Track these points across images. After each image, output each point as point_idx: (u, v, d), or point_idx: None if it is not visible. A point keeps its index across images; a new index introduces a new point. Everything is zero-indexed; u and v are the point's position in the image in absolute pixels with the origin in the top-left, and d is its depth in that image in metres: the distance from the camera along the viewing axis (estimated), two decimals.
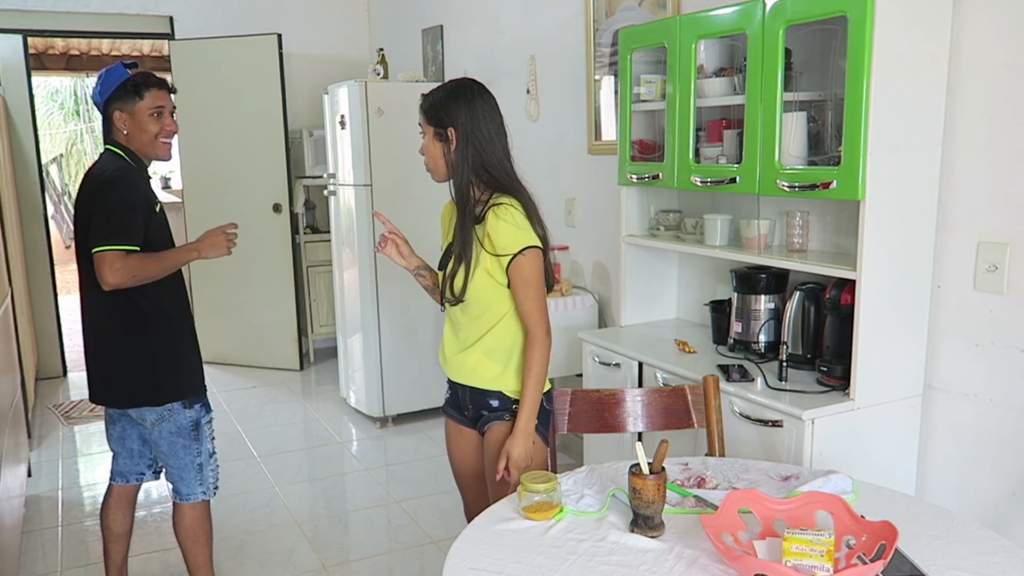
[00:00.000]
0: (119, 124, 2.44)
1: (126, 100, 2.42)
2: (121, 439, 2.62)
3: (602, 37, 3.60)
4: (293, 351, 5.69)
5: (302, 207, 5.80)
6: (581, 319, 3.71)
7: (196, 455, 2.53)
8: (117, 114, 2.43)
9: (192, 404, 2.51)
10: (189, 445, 2.52)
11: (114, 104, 2.43)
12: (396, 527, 3.41)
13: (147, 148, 2.46)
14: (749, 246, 2.59)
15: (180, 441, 2.51)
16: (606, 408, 2.21)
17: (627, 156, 3.00)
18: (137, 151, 2.46)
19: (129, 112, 2.42)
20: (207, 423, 2.57)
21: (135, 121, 2.43)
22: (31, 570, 3.13)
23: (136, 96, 2.42)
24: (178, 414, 2.48)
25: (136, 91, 2.42)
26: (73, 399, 5.26)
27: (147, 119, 2.44)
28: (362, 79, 4.40)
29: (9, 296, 3.85)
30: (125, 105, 2.42)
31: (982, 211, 2.19)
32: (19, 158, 5.49)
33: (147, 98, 2.43)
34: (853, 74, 2.09)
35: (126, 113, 2.43)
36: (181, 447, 2.51)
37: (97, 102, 2.47)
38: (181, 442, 2.51)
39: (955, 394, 2.31)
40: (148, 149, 2.47)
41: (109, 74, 2.44)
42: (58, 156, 11.93)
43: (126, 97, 2.42)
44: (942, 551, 1.52)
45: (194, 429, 2.52)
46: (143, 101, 2.43)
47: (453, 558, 1.55)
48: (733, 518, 1.56)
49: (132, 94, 2.42)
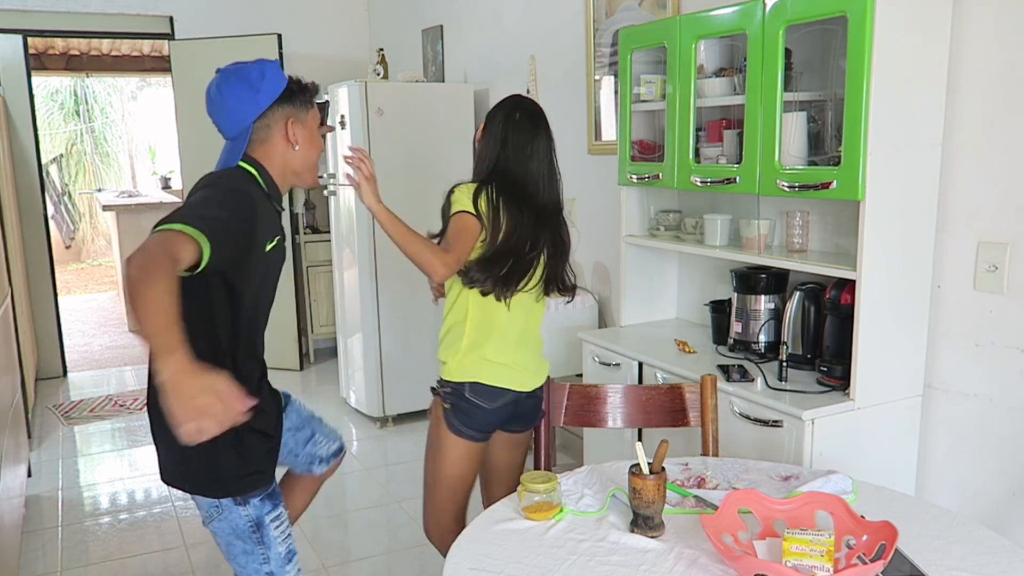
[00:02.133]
0: (291, 136, 1.89)
1: (298, 106, 1.91)
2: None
3: (602, 37, 3.60)
4: (293, 351, 5.69)
5: (302, 207, 5.80)
6: (581, 319, 3.71)
7: (262, 561, 1.93)
8: (290, 123, 1.89)
9: (247, 500, 1.89)
10: (252, 550, 1.93)
11: (283, 110, 1.88)
12: (396, 527, 3.41)
13: (307, 172, 1.96)
14: (749, 246, 2.59)
15: (239, 544, 1.92)
16: (602, 403, 2.20)
17: (627, 156, 3.00)
18: (287, 174, 1.93)
19: (302, 123, 1.92)
20: (274, 521, 1.94)
21: (308, 134, 1.93)
22: (31, 570, 3.13)
23: (309, 105, 1.94)
24: (230, 512, 1.88)
25: (308, 98, 1.94)
26: (73, 399, 5.26)
27: (317, 134, 1.95)
28: (362, 79, 4.40)
29: (9, 296, 3.84)
30: (298, 113, 1.91)
31: (982, 211, 2.19)
32: (19, 158, 5.49)
33: (314, 108, 1.96)
34: (853, 74, 2.09)
35: (299, 125, 1.91)
36: (241, 551, 1.93)
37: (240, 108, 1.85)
38: (240, 545, 1.92)
39: (955, 394, 2.31)
40: (307, 173, 1.97)
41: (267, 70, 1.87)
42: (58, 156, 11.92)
43: (297, 103, 1.91)
44: (942, 551, 1.52)
45: (255, 531, 1.91)
46: (313, 111, 1.95)
47: (453, 558, 1.55)
48: (733, 518, 1.56)
49: (304, 101, 1.93)
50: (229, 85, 1.86)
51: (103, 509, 3.69)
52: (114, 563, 3.18)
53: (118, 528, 3.48)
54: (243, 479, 1.87)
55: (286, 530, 1.98)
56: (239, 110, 1.85)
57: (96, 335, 7.12)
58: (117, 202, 7.93)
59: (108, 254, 11.21)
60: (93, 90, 12.27)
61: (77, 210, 11.95)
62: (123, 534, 3.42)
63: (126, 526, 3.49)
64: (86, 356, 6.38)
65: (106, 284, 9.97)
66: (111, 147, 12.74)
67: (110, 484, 3.97)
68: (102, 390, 5.47)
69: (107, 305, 8.62)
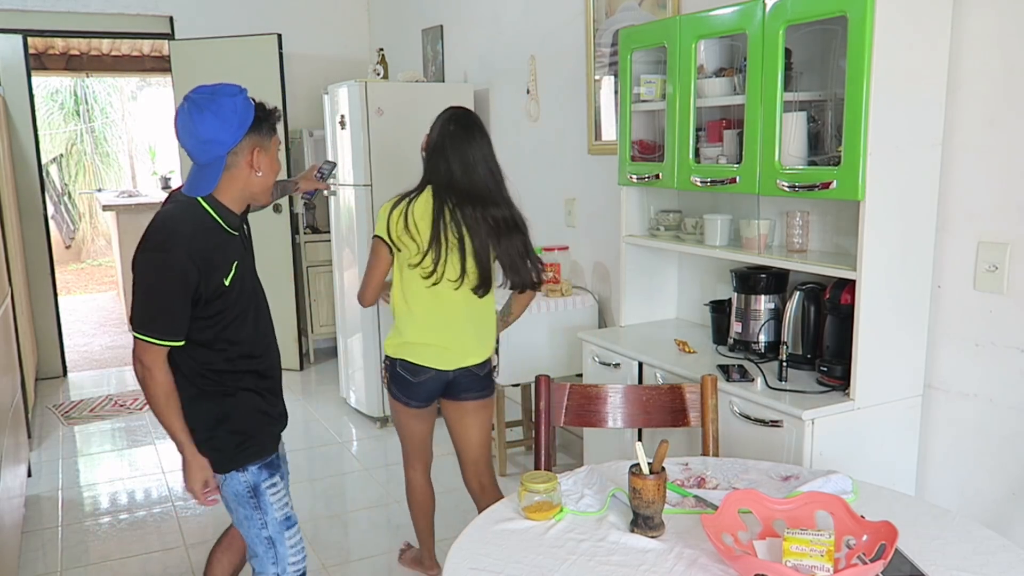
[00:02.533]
0: (255, 164, 1.98)
1: (263, 135, 1.99)
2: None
3: (602, 37, 3.60)
4: (293, 351, 5.69)
5: (302, 207, 5.80)
6: (581, 319, 3.71)
7: (261, 526, 2.10)
8: (256, 152, 1.97)
9: (246, 468, 2.07)
10: (251, 515, 2.10)
11: (250, 139, 1.95)
12: (396, 527, 3.41)
13: (263, 193, 2.06)
14: (749, 246, 2.59)
15: (241, 511, 2.11)
16: (602, 403, 2.21)
17: (627, 156, 3.00)
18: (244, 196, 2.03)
19: (266, 150, 2.00)
20: (270, 488, 2.10)
21: (269, 160, 2.02)
22: (31, 570, 3.13)
23: (272, 131, 2.02)
24: (232, 478, 2.07)
25: (272, 125, 2.01)
26: (73, 399, 5.26)
27: (277, 158, 2.05)
28: (362, 79, 4.40)
29: (9, 296, 3.85)
30: (263, 141, 1.99)
31: (982, 211, 2.19)
32: (19, 158, 5.49)
33: (276, 134, 2.05)
34: (853, 74, 2.09)
35: (263, 152, 1.99)
36: (244, 517, 2.11)
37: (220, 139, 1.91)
38: (242, 511, 2.11)
39: (955, 394, 2.31)
40: (263, 195, 2.07)
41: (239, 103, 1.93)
42: (58, 156, 11.91)
43: (263, 131, 1.99)
44: (942, 551, 1.52)
45: (252, 496, 2.08)
46: (275, 136, 2.04)
47: (453, 558, 1.55)
48: (733, 518, 1.56)
49: (269, 128, 2.01)
50: (203, 119, 1.90)
51: (103, 509, 3.69)
52: (114, 563, 3.18)
53: (118, 528, 3.48)
54: (240, 452, 2.07)
55: (284, 498, 2.15)
56: (215, 142, 1.91)
57: (96, 335, 7.12)
58: (117, 202, 7.92)
59: (108, 254, 11.21)
60: (93, 90, 12.27)
61: (77, 210, 11.95)
62: (123, 534, 3.42)
63: (126, 526, 3.50)
64: (86, 356, 6.39)
65: (106, 284, 9.97)
66: (111, 147, 12.74)
67: (110, 484, 3.97)
68: (102, 390, 5.47)
69: (107, 305, 8.62)
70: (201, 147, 1.92)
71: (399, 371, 2.59)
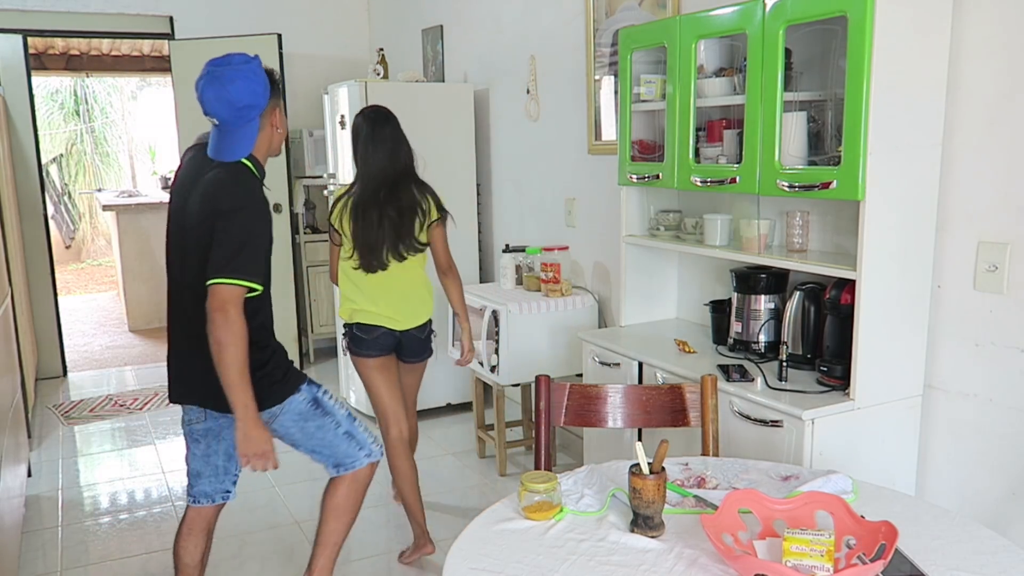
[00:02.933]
0: (277, 121, 2.19)
1: (277, 95, 2.17)
2: (206, 457, 2.37)
3: (602, 37, 3.60)
4: (293, 350, 5.68)
5: (302, 207, 5.80)
6: (581, 319, 3.71)
7: (335, 426, 2.35)
8: (277, 111, 2.18)
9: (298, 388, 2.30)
10: (323, 423, 2.33)
11: (271, 101, 2.14)
12: (396, 527, 3.40)
13: (279, 147, 2.26)
14: (749, 246, 2.59)
15: (310, 424, 2.32)
16: (602, 403, 2.21)
17: (627, 156, 3.00)
18: (270, 152, 2.23)
19: (281, 108, 2.20)
20: (325, 394, 2.36)
21: (283, 117, 2.23)
22: (31, 570, 3.13)
23: (279, 91, 2.19)
24: (290, 403, 2.28)
25: (278, 86, 2.18)
26: (73, 399, 5.26)
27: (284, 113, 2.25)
28: (362, 79, 4.40)
29: (9, 296, 3.84)
30: (278, 100, 2.17)
31: (982, 211, 2.19)
32: (19, 158, 5.49)
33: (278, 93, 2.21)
34: (853, 74, 2.09)
35: (279, 109, 2.19)
36: (316, 428, 2.33)
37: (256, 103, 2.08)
38: (311, 424, 2.32)
39: (955, 394, 2.31)
40: (279, 148, 2.27)
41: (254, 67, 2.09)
42: (58, 156, 11.91)
43: (276, 91, 2.16)
44: (942, 551, 1.52)
45: (316, 407, 2.32)
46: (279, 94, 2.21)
47: (453, 558, 1.55)
48: (733, 518, 1.56)
49: (277, 89, 2.17)
50: (237, 86, 2.04)
51: (103, 509, 3.69)
52: (114, 563, 3.18)
53: (118, 528, 3.48)
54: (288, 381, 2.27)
55: (337, 400, 2.40)
56: (252, 107, 2.07)
57: (96, 335, 7.12)
58: (117, 202, 7.92)
59: (108, 254, 11.20)
60: (93, 90, 12.27)
61: (77, 210, 11.94)
62: (123, 534, 3.42)
63: (126, 526, 3.49)
64: (86, 356, 6.38)
65: (106, 284, 9.97)
66: (111, 147, 12.74)
67: (110, 484, 3.97)
68: (102, 390, 5.47)
69: (107, 305, 8.61)
70: (238, 113, 2.06)
71: (356, 332, 3.00)
